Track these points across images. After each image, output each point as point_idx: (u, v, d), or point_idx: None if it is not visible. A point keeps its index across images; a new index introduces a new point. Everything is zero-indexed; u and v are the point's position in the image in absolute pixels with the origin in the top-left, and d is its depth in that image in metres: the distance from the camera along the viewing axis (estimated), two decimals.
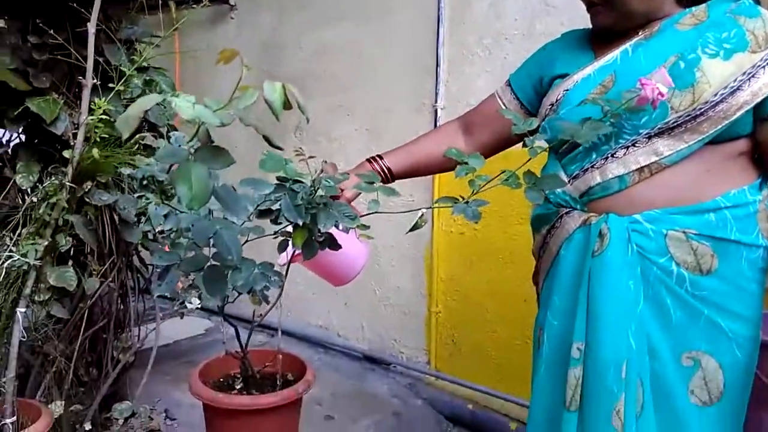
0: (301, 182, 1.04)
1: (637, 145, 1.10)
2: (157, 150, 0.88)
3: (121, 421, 1.97)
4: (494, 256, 2.36)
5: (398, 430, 2.29)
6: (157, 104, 0.75)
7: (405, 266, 2.67)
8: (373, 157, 1.36)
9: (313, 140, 2.96)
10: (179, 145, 0.65)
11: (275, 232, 1.17)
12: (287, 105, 0.63)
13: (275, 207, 1.07)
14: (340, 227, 1.16)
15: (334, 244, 1.16)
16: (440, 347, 2.59)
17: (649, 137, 1.09)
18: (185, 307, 1.72)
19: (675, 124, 1.07)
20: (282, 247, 1.17)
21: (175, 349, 2.92)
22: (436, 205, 1.13)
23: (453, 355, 2.54)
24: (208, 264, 0.93)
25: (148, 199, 0.97)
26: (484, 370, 2.44)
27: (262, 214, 1.09)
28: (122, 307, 2.18)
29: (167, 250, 0.97)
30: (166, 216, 0.95)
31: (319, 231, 1.10)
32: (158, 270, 1.04)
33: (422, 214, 1.15)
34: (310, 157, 1.04)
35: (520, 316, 2.28)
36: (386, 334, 2.78)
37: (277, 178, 1.04)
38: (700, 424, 1.11)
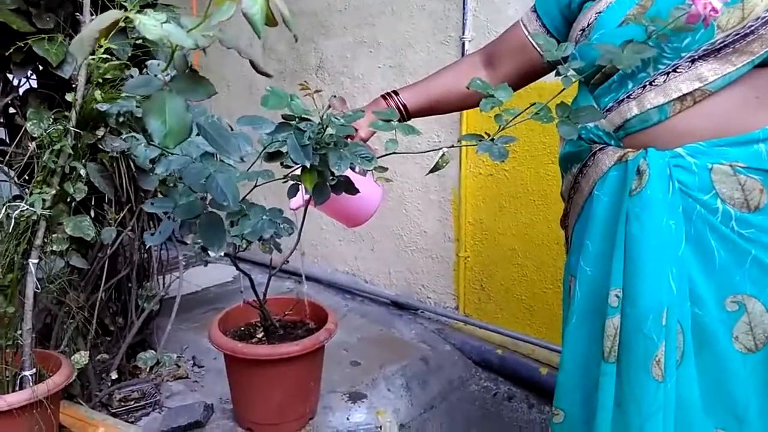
0: (309, 120, 0.95)
1: (678, 70, 0.98)
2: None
3: (147, 369, 1.96)
4: (525, 197, 2.27)
5: (426, 375, 2.25)
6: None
7: (432, 210, 2.59)
8: (388, 93, 1.27)
9: (334, 80, 2.85)
10: (155, 75, 0.57)
11: (285, 176, 1.09)
12: (271, 21, 0.54)
13: (284, 149, 0.98)
14: (357, 169, 1.08)
15: (350, 188, 1.09)
16: (469, 292, 2.53)
17: (692, 61, 0.97)
18: (207, 255, 1.68)
19: (722, 44, 0.95)
20: (292, 192, 1.09)
21: (203, 297, 2.91)
22: (459, 143, 1.04)
23: (482, 299, 2.48)
24: (205, 211, 0.86)
25: (137, 139, 0.89)
26: (513, 315, 2.38)
27: (271, 156, 1.01)
28: (146, 255, 2.16)
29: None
30: (154, 160, 0.88)
31: (332, 173, 1.02)
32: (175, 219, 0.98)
33: (443, 154, 1.06)
34: (317, 91, 0.95)
35: (551, 259, 2.22)
36: (413, 279, 2.73)
37: (283, 116, 0.96)
38: (745, 372, 1.03)
